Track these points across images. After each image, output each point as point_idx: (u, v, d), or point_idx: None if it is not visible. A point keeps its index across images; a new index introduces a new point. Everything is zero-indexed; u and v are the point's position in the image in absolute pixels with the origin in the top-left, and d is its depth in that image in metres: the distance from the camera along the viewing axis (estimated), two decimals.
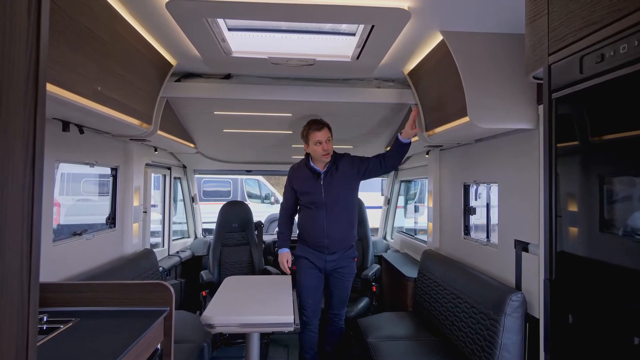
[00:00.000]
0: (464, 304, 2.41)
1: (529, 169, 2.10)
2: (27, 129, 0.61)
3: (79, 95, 1.72)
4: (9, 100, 0.59)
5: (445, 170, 3.29)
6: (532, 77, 1.11)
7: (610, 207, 0.90)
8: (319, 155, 2.72)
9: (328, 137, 2.72)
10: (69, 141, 2.24)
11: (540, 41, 1.00)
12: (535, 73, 1.05)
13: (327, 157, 2.73)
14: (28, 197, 0.61)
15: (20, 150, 0.60)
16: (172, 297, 1.81)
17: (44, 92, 0.65)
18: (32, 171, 0.62)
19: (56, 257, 2.17)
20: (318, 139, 2.69)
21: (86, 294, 1.78)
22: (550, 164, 0.96)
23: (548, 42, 0.97)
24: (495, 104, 2.03)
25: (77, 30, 1.61)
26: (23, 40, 0.60)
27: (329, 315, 2.94)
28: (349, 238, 2.79)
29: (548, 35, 0.97)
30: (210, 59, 2.38)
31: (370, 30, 1.94)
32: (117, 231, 2.93)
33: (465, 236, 2.92)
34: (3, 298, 0.58)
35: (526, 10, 1.07)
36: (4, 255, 0.58)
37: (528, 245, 2.14)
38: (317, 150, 2.71)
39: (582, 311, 0.93)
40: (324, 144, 2.69)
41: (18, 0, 0.59)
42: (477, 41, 2.04)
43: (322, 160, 2.76)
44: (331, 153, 2.76)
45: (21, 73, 0.60)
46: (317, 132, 2.70)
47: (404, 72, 2.70)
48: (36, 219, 0.62)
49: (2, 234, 0.58)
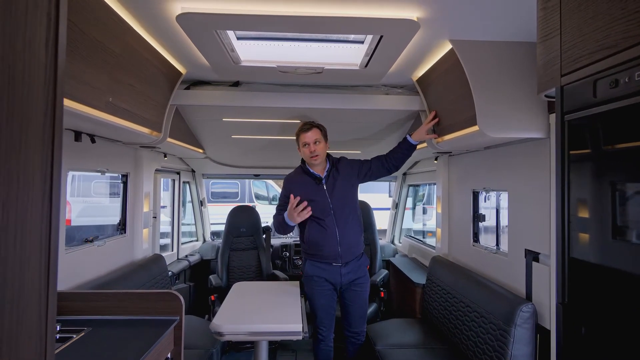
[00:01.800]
0: (473, 313, 2.40)
1: (539, 178, 2.08)
2: (46, 143, 0.63)
3: (91, 107, 1.75)
4: (29, 114, 0.60)
5: (454, 177, 3.27)
6: (545, 95, 1.09)
7: (623, 213, 0.89)
8: (307, 157, 2.59)
9: (316, 139, 2.56)
10: (80, 150, 2.27)
11: (553, 61, 0.99)
12: (548, 92, 1.04)
13: (315, 160, 2.56)
14: (47, 209, 0.62)
15: (40, 163, 0.62)
16: (182, 306, 1.83)
17: (62, 106, 0.67)
18: (50, 184, 0.63)
19: (68, 264, 2.21)
20: (304, 141, 2.56)
21: (98, 303, 1.81)
22: (562, 182, 0.94)
23: (561, 63, 0.96)
24: (505, 113, 2.01)
25: (89, 44, 1.63)
26: (42, 57, 0.62)
27: (349, 334, 2.71)
28: (359, 244, 2.69)
29: (561, 56, 0.96)
30: (219, 68, 2.39)
31: (379, 40, 1.94)
32: (127, 237, 2.96)
33: (474, 243, 2.90)
34: (21, 309, 0.59)
35: (538, 28, 1.06)
36: (23, 268, 0.59)
37: (539, 255, 2.12)
38: (305, 153, 2.58)
39: (595, 322, 0.92)
40: (311, 146, 2.55)
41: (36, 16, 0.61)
42: (486, 49, 2.02)
43: (312, 163, 2.60)
44: (321, 155, 2.58)
45: (40, 88, 0.62)
46: (304, 134, 2.56)
47: (413, 78, 2.69)
48: (54, 232, 0.63)
49: (22, 245, 0.58)
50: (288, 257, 4.53)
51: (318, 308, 2.62)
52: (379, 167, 2.70)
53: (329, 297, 2.63)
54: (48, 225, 0.61)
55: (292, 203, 2.48)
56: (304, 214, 2.48)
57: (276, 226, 2.67)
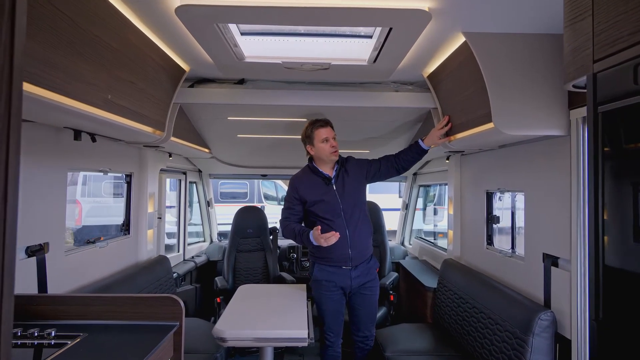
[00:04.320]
0: (487, 320, 2.28)
1: (559, 178, 1.96)
2: None
3: (89, 104, 1.69)
4: None
5: (466, 177, 3.15)
6: (573, 85, 0.99)
7: None
8: (327, 153, 2.47)
9: (334, 135, 2.50)
10: (81, 149, 2.22)
11: (583, 46, 0.88)
12: (577, 82, 0.94)
13: (335, 155, 2.48)
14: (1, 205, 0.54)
15: None
16: (183, 312, 1.76)
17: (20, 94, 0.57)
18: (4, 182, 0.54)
19: (69, 267, 2.16)
20: (325, 136, 2.45)
21: (96, 307, 1.74)
22: (595, 182, 0.83)
23: (593, 48, 0.85)
24: (522, 109, 1.90)
25: (86, 39, 1.57)
26: None
27: (357, 338, 2.60)
28: (369, 246, 2.60)
29: (593, 40, 0.85)
30: (222, 65, 2.32)
31: (388, 32, 1.84)
32: (131, 238, 2.91)
33: (488, 246, 2.78)
34: None
35: (565, 11, 0.95)
36: None
37: (558, 260, 2.00)
38: (325, 149, 2.46)
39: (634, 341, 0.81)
40: (332, 141, 2.46)
41: None
42: (502, 42, 1.91)
43: (331, 160, 2.51)
44: (338, 152, 2.52)
45: None
46: (322, 129, 2.47)
47: (424, 74, 2.59)
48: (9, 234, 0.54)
49: None
50: (296, 259, 4.45)
51: (326, 314, 2.53)
52: (388, 167, 2.60)
53: (338, 302, 2.54)
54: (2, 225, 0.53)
55: (318, 235, 2.29)
56: (332, 240, 2.27)
57: (288, 234, 2.50)
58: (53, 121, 1.85)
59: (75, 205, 8.42)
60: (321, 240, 2.27)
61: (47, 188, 1.99)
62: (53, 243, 2.01)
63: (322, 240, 2.26)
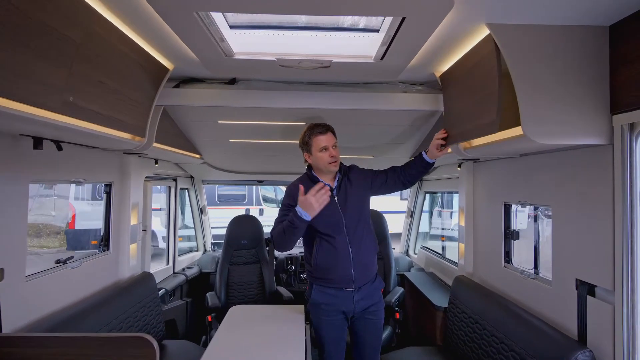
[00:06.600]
0: (510, 353, 2.01)
1: (597, 193, 1.68)
2: None
3: (44, 108, 1.42)
4: None
5: (480, 186, 2.87)
6: None
7: None
8: (325, 164, 2.20)
9: (335, 143, 2.22)
10: (46, 158, 1.94)
11: None
12: None
13: (335, 166, 2.22)
14: None
15: None
16: (156, 354, 1.48)
17: None
18: None
19: (30, 295, 1.87)
20: (324, 145, 2.18)
21: (53, 349, 1.47)
22: None
23: None
24: (556, 114, 1.61)
25: (36, 30, 1.29)
26: None
27: None
28: (374, 264, 2.33)
29: None
30: (209, 62, 2.04)
31: (399, 23, 1.56)
32: (110, 254, 2.63)
33: (506, 264, 2.50)
34: None
35: None
36: None
37: (595, 288, 1.72)
38: (323, 158, 2.19)
39: None
40: (331, 150, 2.19)
41: None
42: (532, 36, 1.63)
43: (330, 171, 2.25)
44: (339, 162, 2.25)
45: None
46: (321, 136, 2.19)
47: (436, 74, 2.31)
48: None
49: None
50: (294, 271, 4.18)
51: (326, 341, 2.26)
52: (395, 180, 2.35)
53: (340, 329, 2.26)
54: None
55: (304, 198, 1.96)
56: (325, 198, 1.96)
57: (278, 238, 2.13)
58: (1, 128, 1.57)
59: (69, 209, 8.15)
60: (311, 199, 1.93)
61: (3, 202, 1.71)
62: (10, 268, 1.73)
63: (311, 199, 1.93)
